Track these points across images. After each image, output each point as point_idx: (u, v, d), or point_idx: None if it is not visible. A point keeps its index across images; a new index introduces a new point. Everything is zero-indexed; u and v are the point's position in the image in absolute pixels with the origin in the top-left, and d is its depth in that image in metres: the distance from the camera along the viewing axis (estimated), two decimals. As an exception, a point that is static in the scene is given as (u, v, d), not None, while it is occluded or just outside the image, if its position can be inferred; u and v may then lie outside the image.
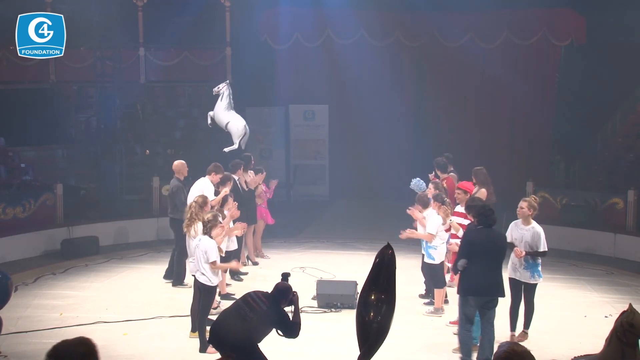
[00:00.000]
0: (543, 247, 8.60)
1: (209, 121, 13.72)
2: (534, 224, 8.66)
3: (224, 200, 10.28)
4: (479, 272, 7.75)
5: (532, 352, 4.22)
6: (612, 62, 16.59)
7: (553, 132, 18.00)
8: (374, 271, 5.98)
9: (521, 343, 6.25)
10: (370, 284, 5.96)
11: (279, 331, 6.64)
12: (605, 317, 9.64)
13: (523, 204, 8.73)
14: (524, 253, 8.53)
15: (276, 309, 6.63)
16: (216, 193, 10.71)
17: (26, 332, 8.98)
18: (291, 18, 18.23)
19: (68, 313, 9.92)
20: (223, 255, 9.74)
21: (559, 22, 17.58)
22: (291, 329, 6.66)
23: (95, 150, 16.96)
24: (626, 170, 16.25)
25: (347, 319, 8.95)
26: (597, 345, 6.09)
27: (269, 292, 6.78)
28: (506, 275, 8.45)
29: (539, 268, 8.70)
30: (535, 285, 8.76)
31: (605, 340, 5.61)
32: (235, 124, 13.43)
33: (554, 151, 17.93)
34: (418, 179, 11.15)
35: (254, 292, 6.87)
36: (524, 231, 8.64)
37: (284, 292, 6.73)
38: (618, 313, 5.67)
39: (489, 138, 18.09)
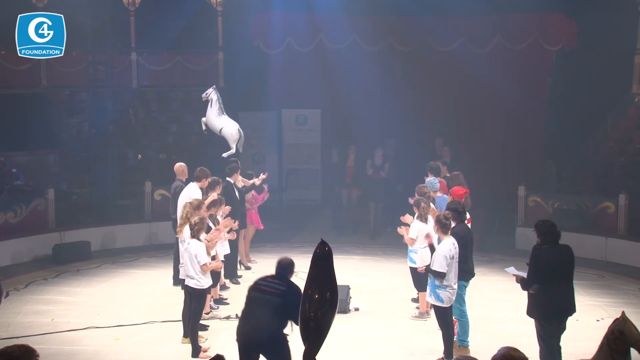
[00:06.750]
0: (433, 265, 8.12)
1: (204, 127, 13.77)
2: (444, 240, 8.20)
3: (212, 205, 10.19)
4: (557, 294, 7.17)
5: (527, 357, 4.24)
6: (604, 67, 16.62)
7: (545, 136, 18.01)
8: (314, 268, 6.10)
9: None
10: (312, 282, 6.07)
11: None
12: (597, 320, 9.64)
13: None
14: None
15: (292, 284, 6.58)
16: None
17: (17, 337, 8.91)
18: (283, 23, 18.21)
19: (59, 318, 9.89)
20: (223, 260, 9.77)
21: (550, 27, 17.61)
22: None
23: (87, 155, 16.87)
24: (618, 175, 16.28)
25: (341, 322, 8.93)
26: (589, 349, 6.10)
27: (273, 273, 6.66)
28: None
29: (438, 291, 8.13)
30: (438, 308, 8.22)
31: (598, 347, 5.63)
32: (229, 129, 13.45)
33: (546, 155, 17.94)
34: (433, 177, 11.11)
35: (259, 279, 6.71)
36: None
37: (288, 267, 6.71)
38: (610, 317, 5.69)
39: (481, 142, 18.10)
